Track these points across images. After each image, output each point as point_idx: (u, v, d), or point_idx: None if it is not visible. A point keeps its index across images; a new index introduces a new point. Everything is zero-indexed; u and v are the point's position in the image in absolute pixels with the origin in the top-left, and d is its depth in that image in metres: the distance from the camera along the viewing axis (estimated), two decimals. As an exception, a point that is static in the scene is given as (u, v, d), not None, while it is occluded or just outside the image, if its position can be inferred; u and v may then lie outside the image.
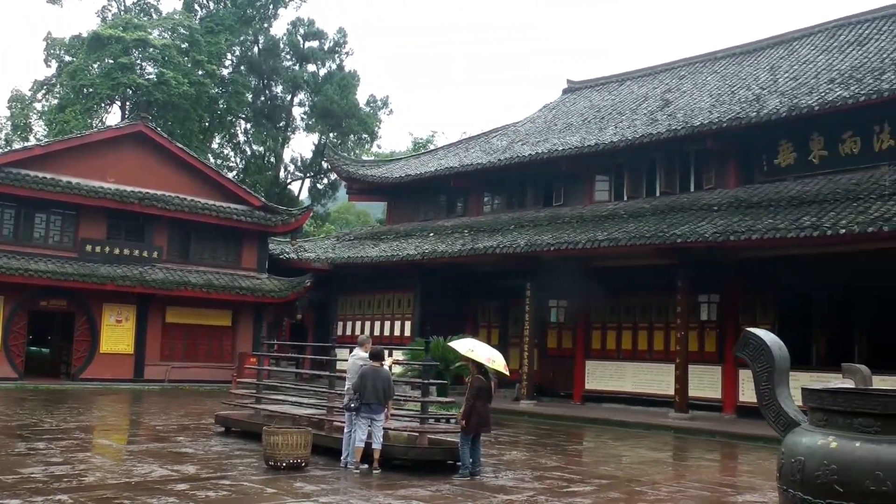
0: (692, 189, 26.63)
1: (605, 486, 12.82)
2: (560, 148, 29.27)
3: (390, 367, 14.72)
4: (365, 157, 54.81)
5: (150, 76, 51.06)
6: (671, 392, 23.82)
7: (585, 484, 12.94)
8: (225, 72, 57.25)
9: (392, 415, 14.37)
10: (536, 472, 13.95)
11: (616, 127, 29.39)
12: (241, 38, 57.64)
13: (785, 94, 25.15)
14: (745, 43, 33.37)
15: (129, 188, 30.61)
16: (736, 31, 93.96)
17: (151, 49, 50.50)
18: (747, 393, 22.83)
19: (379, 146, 65.34)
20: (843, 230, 19.37)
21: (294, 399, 18.29)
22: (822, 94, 23.67)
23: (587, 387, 27.78)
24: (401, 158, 42.60)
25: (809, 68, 27.39)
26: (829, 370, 19.03)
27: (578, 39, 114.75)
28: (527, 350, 27.05)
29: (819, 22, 31.42)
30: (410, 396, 16.10)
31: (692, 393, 23.73)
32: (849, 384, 5.24)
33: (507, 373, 14.69)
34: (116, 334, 30.49)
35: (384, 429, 13.64)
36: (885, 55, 25.44)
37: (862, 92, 22.57)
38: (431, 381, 15.05)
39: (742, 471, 16.13)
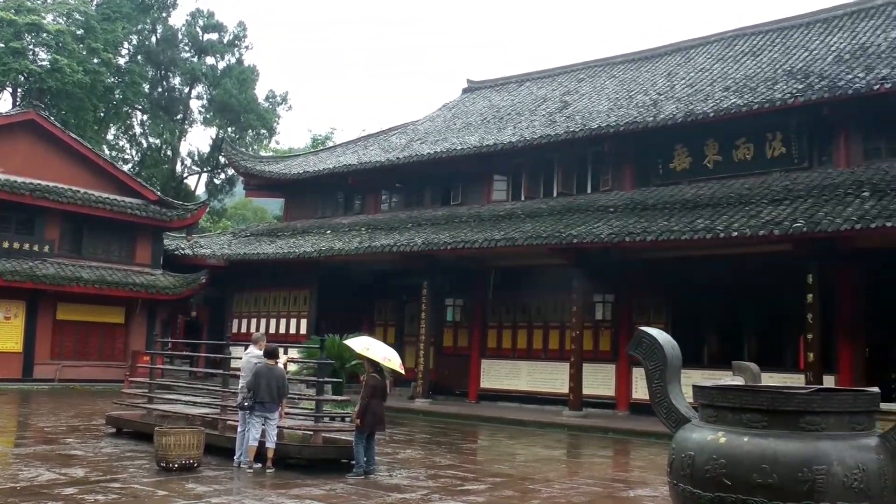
0: (589, 190, 26.98)
1: (499, 484, 12.88)
2: (459, 147, 29.37)
3: (285, 366, 14.59)
4: (263, 153, 54.29)
5: (44, 62, 49.48)
6: (566, 390, 24.10)
7: (479, 482, 12.99)
8: (121, 61, 55.89)
9: (286, 413, 14.25)
10: (431, 471, 13.96)
11: (515, 127, 29.62)
12: (139, 27, 56.43)
13: (681, 101, 25.66)
14: (643, 49, 33.98)
15: (19, 179, 29.69)
16: (633, 37, 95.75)
17: (45, 34, 48.92)
18: (640, 390, 23.25)
19: (277, 142, 64.77)
20: (736, 233, 19.84)
21: (187, 398, 18.00)
22: (718, 102, 24.21)
23: (482, 385, 27.94)
24: (299, 155, 42.23)
25: (705, 76, 28.00)
26: (721, 368, 19.53)
27: (479, 38, 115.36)
28: (423, 348, 27.08)
29: (715, 32, 32.25)
30: (305, 395, 15.99)
31: (586, 391, 24.05)
32: (739, 381, 5.36)
33: (403, 371, 14.69)
34: (4, 331, 29.53)
35: (278, 427, 13.52)
36: (777, 66, 26.17)
37: (755, 100, 23.15)
38: (326, 379, 14.96)
39: (634, 466, 16.37)
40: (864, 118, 22.34)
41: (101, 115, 55.58)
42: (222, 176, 59.77)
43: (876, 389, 4.73)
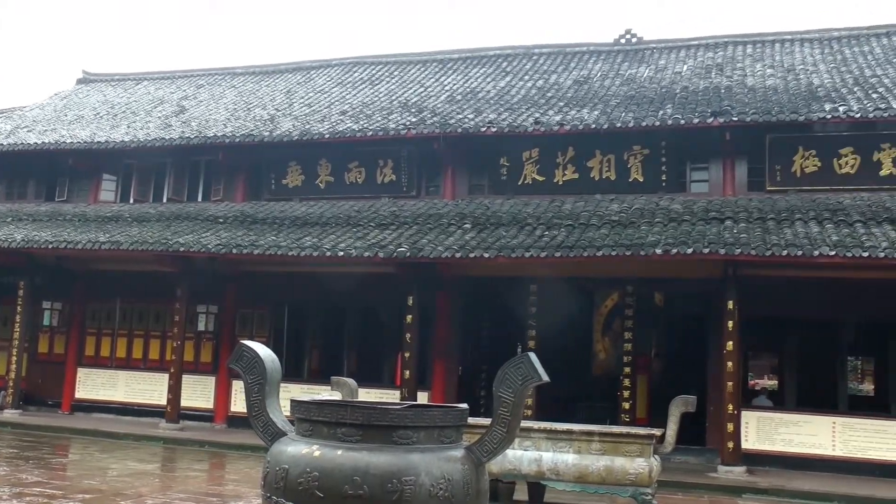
0: (200, 199, 26.66)
1: (89, 501, 12.39)
2: (68, 141, 27.89)
3: None
4: None
5: None
6: (164, 402, 23.55)
7: (69, 499, 12.41)
8: None
9: None
10: (16, 489, 13.12)
11: (129, 127, 28.64)
12: None
13: (298, 119, 26.04)
14: (264, 63, 34.18)
15: None
16: (253, 49, 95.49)
17: None
18: (239, 403, 23.17)
19: None
20: (342, 253, 20.39)
21: None
22: (334, 124, 24.82)
23: (78, 395, 26.58)
24: None
25: (324, 98, 28.63)
26: (321, 383, 20.00)
27: (97, 29, 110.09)
28: (15, 355, 25.39)
29: (336, 56, 33.15)
30: None
31: (185, 403, 23.63)
32: (337, 396, 5.52)
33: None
34: None
35: None
36: (394, 97, 27.33)
37: (370, 127, 24.01)
38: None
39: (229, 480, 16.32)
40: (471, 156, 23.85)
41: None
42: None
43: (465, 406, 5.07)
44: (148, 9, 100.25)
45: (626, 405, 21.07)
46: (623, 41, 29.79)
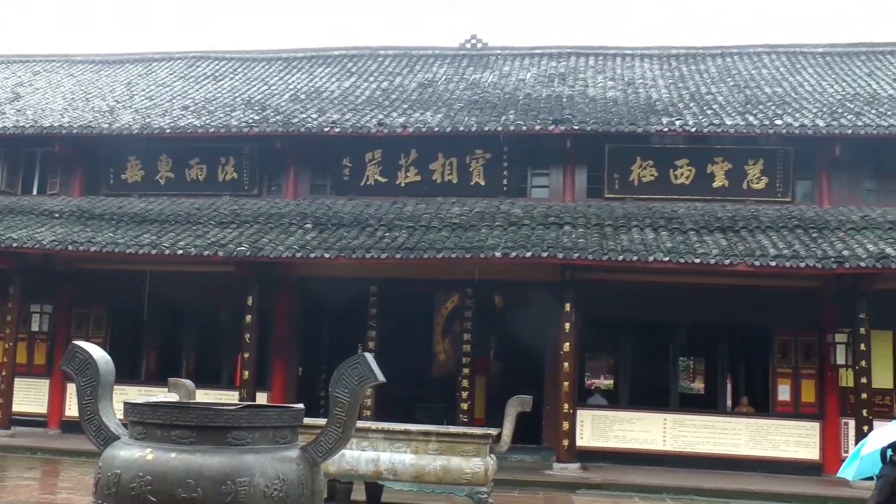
0: (35, 192, 25.71)
1: None
2: None
3: None
4: None
5: None
6: (-4, 408, 22.62)
7: None
8: None
9: None
10: None
11: (-42, 114, 27.43)
12: None
13: (139, 112, 25.43)
14: (106, 53, 33.17)
15: None
16: (95, 37, 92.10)
17: None
18: (74, 408, 22.41)
19: None
20: (181, 251, 20.06)
21: None
22: (175, 119, 24.34)
23: None
24: None
25: (166, 91, 28.03)
26: (159, 384, 19.56)
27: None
28: None
29: (180, 50, 32.51)
30: None
31: (17, 408, 22.66)
32: (174, 398, 5.47)
33: None
34: None
35: None
36: (237, 94, 27.00)
37: (212, 123, 23.65)
38: None
39: (62, 487, 15.84)
40: (314, 156, 23.79)
41: None
42: None
43: (300, 406, 5.11)
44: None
45: (465, 406, 21.36)
46: (469, 46, 30.20)
